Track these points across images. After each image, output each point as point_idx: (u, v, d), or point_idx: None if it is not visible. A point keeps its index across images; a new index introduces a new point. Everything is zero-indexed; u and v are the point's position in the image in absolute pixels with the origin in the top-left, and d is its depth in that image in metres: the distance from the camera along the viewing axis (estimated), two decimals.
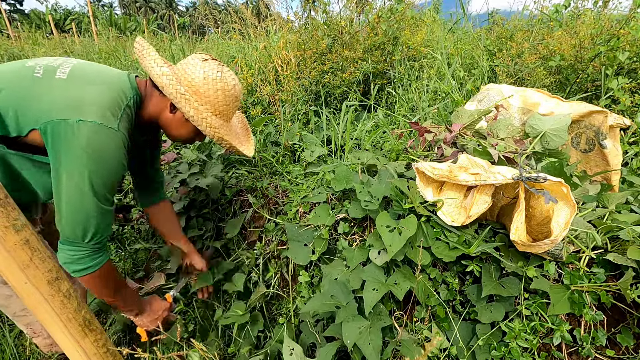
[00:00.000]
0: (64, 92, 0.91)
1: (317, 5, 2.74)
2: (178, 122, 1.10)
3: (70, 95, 0.91)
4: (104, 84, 0.98)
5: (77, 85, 0.94)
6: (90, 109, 0.90)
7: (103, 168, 0.91)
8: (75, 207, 0.90)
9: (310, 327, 1.32)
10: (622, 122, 1.30)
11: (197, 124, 1.05)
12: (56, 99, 0.89)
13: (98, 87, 0.95)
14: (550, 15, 2.39)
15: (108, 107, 0.93)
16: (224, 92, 1.07)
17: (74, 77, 0.95)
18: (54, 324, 0.78)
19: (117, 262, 1.98)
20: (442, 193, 1.22)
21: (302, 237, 1.42)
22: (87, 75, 0.98)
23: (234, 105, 1.14)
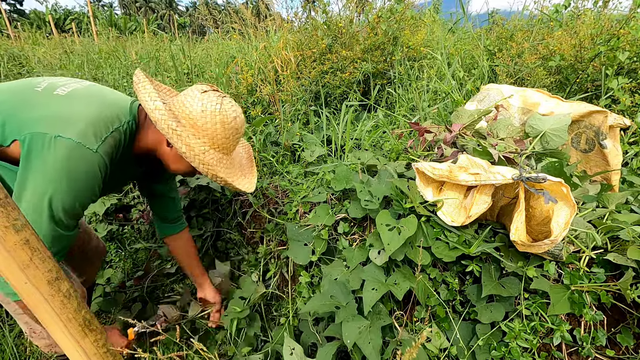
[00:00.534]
0: (57, 107, 0.89)
1: (317, 6, 2.74)
2: (175, 157, 1.07)
3: (60, 111, 0.89)
4: (102, 104, 0.95)
5: (72, 103, 0.92)
6: (73, 127, 0.86)
7: (69, 190, 0.85)
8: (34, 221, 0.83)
9: (310, 327, 1.32)
10: (622, 122, 1.30)
11: (190, 161, 1.00)
12: (46, 113, 0.87)
13: (91, 107, 0.93)
14: (550, 15, 2.39)
15: (93, 127, 0.90)
16: (222, 125, 1.02)
17: (73, 96, 0.93)
18: (54, 324, 0.78)
19: (117, 262, 1.98)
20: (442, 193, 1.22)
21: (302, 237, 1.42)
22: (89, 95, 0.96)
23: (235, 138, 1.08)
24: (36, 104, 0.89)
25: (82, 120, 0.89)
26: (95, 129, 0.90)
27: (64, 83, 0.96)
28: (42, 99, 0.91)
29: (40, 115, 0.87)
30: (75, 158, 0.85)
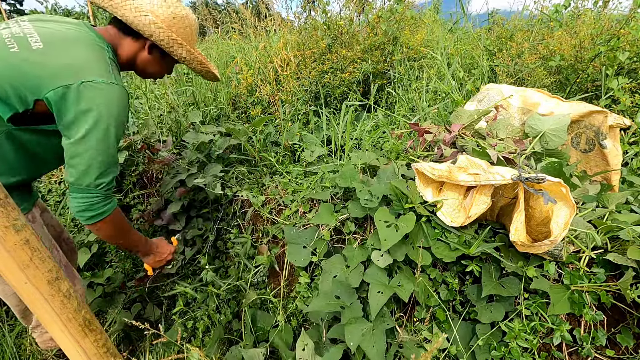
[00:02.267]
0: (52, 60, 0.93)
1: (317, 6, 2.74)
2: (155, 61, 1.18)
3: (60, 62, 0.93)
4: (80, 42, 0.99)
5: (59, 50, 0.95)
6: (86, 70, 0.94)
7: (116, 121, 0.98)
8: (93, 156, 0.96)
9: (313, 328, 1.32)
10: (622, 122, 1.30)
11: (189, 63, 1.19)
12: (48, 69, 0.92)
13: (79, 48, 0.98)
14: (550, 15, 2.38)
15: (98, 63, 0.98)
16: (190, 28, 1.18)
17: (50, 43, 0.96)
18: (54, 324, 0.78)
19: (117, 262, 1.98)
20: (442, 193, 1.22)
21: (301, 239, 1.42)
22: (58, 37, 0.98)
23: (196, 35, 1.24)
24: (31, 63, 0.92)
25: (87, 61, 0.96)
26: (101, 64, 0.98)
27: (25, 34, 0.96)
28: (31, 57, 0.92)
29: (46, 71, 0.92)
30: (107, 93, 0.95)
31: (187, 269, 1.86)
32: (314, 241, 1.41)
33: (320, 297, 1.20)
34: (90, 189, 1.00)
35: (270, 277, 1.61)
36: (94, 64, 0.97)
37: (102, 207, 1.03)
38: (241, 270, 1.63)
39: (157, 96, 2.69)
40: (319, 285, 1.26)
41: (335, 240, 1.45)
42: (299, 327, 1.40)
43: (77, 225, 2.12)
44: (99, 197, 1.02)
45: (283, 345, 1.32)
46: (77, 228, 2.10)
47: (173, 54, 1.14)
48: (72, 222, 2.13)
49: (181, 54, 1.15)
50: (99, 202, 1.02)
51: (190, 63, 1.20)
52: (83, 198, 1.00)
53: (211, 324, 1.54)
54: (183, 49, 1.14)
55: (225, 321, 1.52)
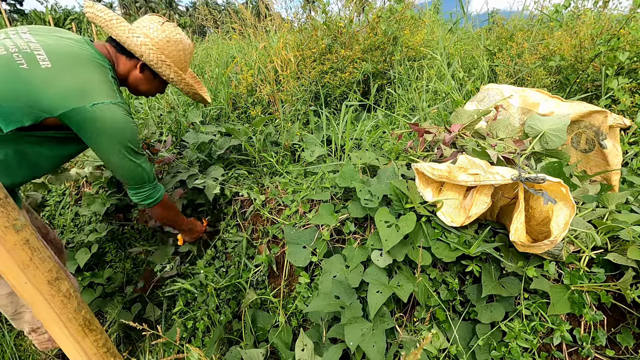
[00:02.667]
0: (62, 81, 0.99)
1: (317, 6, 2.74)
2: (147, 80, 1.26)
3: (69, 83, 1.00)
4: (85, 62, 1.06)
5: (67, 70, 1.01)
6: (95, 92, 1.03)
7: (131, 134, 1.11)
8: (128, 168, 1.16)
9: (313, 328, 1.32)
10: (622, 122, 1.30)
11: (176, 84, 1.27)
12: (59, 90, 0.98)
13: (85, 69, 1.05)
14: (550, 16, 2.38)
15: (105, 85, 1.06)
16: (184, 52, 1.27)
17: (57, 63, 1.01)
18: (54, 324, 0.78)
19: (117, 262, 1.98)
20: (442, 193, 1.22)
21: (301, 239, 1.42)
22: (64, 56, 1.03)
23: (190, 59, 1.33)
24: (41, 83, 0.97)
25: (95, 83, 1.04)
26: (106, 85, 1.07)
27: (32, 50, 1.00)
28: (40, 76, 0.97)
29: (59, 94, 0.98)
30: (117, 113, 1.06)
31: (187, 268, 1.86)
32: (314, 241, 1.41)
33: (320, 297, 1.20)
34: (141, 186, 1.26)
35: (270, 277, 1.61)
36: (101, 85, 1.05)
37: (156, 194, 1.31)
38: (241, 270, 1.63)
39: (157, 96, 2.69)
40: (319, 285, 1.26)
41: (335, 240, 1.45)
42: (299, 327, 1.40)
43: (77, 225, 2.12)
44: (149, 189, 1.28)
45: (283, 345, 1.32)
46: (77, 228, 2.10)
47: (162, 74, 1.22)
48: (72, 222, 2.13)
49: (169, 75, 1.23)
50: (152, 191, 1.29)
51: (178, 84, 1.28)
52: (140, 193, 1.27)
53: (211, 324, 1.54)
54: (171, 69, 1.22)
55: (225, 321, 1.52)
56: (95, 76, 1.06)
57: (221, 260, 1.74)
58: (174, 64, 1.24)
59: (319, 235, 1.41)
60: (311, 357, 1.18)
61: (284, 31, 2.88)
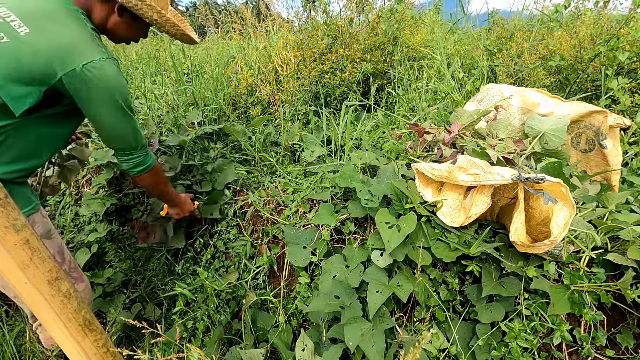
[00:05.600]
0: (44, 45, 0.94)
1: (317, 5, 2.74)
2: (126, 24, 1.15)
3: (52, 45, 0.94)
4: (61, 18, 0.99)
5: (46, 32, 0.96)
6: (80, 50, 0.97)
7: (123, 91, 1.06)
8: (121, 129, 1.11)
9: (313, 328, 1.32)
10: (622, 122, 1.30)
11: (160, 25, 1.15)
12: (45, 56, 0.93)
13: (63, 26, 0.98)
14: (550, 16, 2.38)
15: (88, 39, 1.00)
16: None
17: (34, 26, 0.95)
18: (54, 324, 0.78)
19: (117, 262, 1.98)
20: (442, 194, 1.22)
21: (301, 239, 1.42)
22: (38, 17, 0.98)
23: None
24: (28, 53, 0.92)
25: (79, 41, 0.98)
26: (90, 40, 1.00)
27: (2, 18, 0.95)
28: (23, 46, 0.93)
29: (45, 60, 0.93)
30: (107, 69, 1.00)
31: (187, 269, 1.86)
32: (314, 241, 1.41)
33: (320, 297, 1.20)
34: (132, 152, 1.19)
35: (270, 277, 1.61)
36: (84, 42, 0.99)
37: (147, 161, 1.24)
38: (241, 270, 1.63)
39: (157, 96, 2.69)
40: (319, 285, 1.26)
41: (335, 240, 1.45)
42: (299, 327, 1.40)
43: (77, 225, 2.12)
44: (140, 155, 1.22)
45: (283, 345, 1.32)
46: (77, 228, 2.10)
47: (143, 16, 1.11)
48: (72, 222, 2.13)
49: (152, 16, 1.12)
50: (144, 157, 1.23)
51: (163, 25, 1.16)
52: (132, 159, 1.20)
53: (211, 324, 1.54)
54: (153, 10, 1.10)
55: (225, 321, 1.52)
56: (76, 32, 0.99)
57: (221, 261, 1.74)
58: (155, 2, 1.12)
59: (319, 235, 1.41)
60: (311, 357, 1.18)
61: (284, 31, 2.88)
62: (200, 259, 1.82)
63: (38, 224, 1.12)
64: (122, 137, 1.14)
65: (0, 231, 0.63)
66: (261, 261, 1.56)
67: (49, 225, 1.19)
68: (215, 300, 1.56)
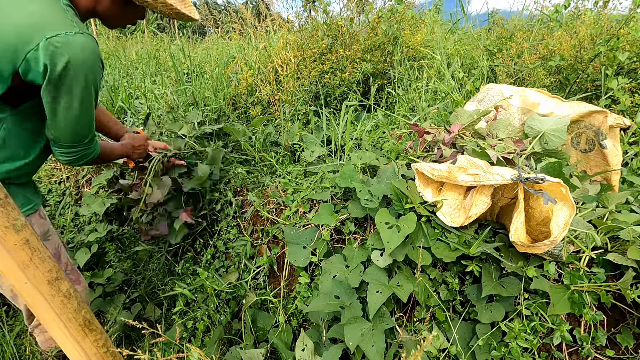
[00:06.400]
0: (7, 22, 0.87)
1: (317, 6, 2.74)
2: (117, 6, 1.06)
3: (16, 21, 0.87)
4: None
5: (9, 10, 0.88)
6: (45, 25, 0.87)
7: (91, 72, 0.93)
8: (78, 116, 0.96)
9: (313, 328, 1.32)
10: (622, 122, 1.30)
11: (152, 7, 1.05)
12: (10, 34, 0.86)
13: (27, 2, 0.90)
14: (550, 16, 2.38)
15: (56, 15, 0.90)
16: None
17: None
18: (54, 324, 0.78)
19: (117, 262, 1.98)
20: (442, 194, 1.22)
21: (301, 239, 1.42)
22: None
23: None
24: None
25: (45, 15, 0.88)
26: (58, 14, 0.90)
27: None
28: None
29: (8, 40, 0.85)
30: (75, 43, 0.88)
31: (187, 269, 1.86)
32: (314, 241, 1.41)
33: (320, 297, 1.20)
34: (75, 144, 1.03)
35: (270, 277, 1.61)
36: (50, 16, 0.89)
37: (90, 153, 1.09)
38: (241, 270, 1.63)
39: (157, 96, 2.69)
40: (319, 285, 1.26)
41: (335, 240, 1.45)
42: (299, 327, 1.40)
43: (77, 225, 2.12)
44: (84, 148, 1.06)
45: (283, 345, 1.32)
46: (77, 228, 2.10)
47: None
48: (72, 222, 2.13)
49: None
50: (85, 151, 1.07)
51: (154, 6, 1.06)
52: (71, 152, 1.04)
53: (211, 324, 1.54)
54: None
55: (225, 321, 1.52)
56: (41, 7, 0.89)
57: (221, 261, 1.74)
58: None
59: (319, 235, 1.41)
60: (311, 357, 1.18)
61: (284, 31, 2.88)
62: (200, 259, 1.82)
63: (35, 225, 1.11)
64: (76, 126, 0.99)
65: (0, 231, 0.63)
66: (261, 261, 1.56)
67: (47, 226, 1.18)
68: (215, 300, 1.56)
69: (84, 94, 0.94)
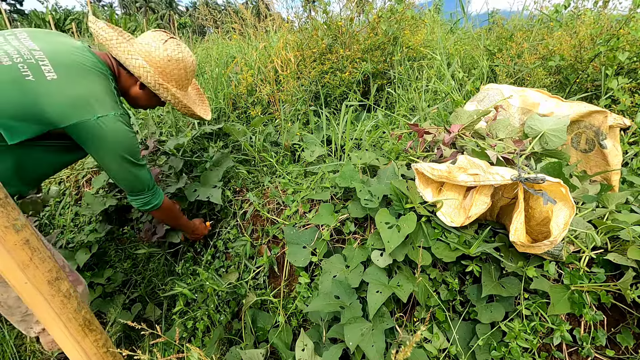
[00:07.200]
0: (68, 93, 1.00)
1: (317, 6, 2.74)
2: (146, 96, 1.28)
3: (75, 95, 1.01)
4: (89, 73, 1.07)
5: (73, 82, 1.02)
6: (100, 104, 1.04)
7: (131, 145, 1.14)
8: (128, 178, 1.21)
9: (313, 328, 1.32)
10: (622, 122, 1.30)
11: (174, 105, 1.28)
12: (66, 103, 1.00)
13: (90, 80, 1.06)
14: (550, 16, 2.38)
15: (109, 97, 1.08)
16: (185, 70, 1.27)
17: (63, 74, 1.01)
18: (54, 324, 0.78)
19: (117, 262, 1.98)
20: (442, 194, 1.22)
21: (301, 239, 1.42)
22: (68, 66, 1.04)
23: (192, 77, 1.34)
24: (45, 95, 0.97)
25: (99, 95, 1.06)
26: (110, 97, 1.09)
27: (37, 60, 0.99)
28: (45, 88, 0.97)
29: (65, 107, 0.99)
30: (120, 125, 1.09)
31: (187, 269, 1.85)
32: (314, 241, 1.41)
33: (320, 297, 1.20)
34: (140, 194, 1.29)
35: (270, 277, 1.61)
36: (104, 97, 1.07)
37: (155, 200, 1.33)
38: (241, 270, 1.63)
39: None
40: (319, 285, 1.26)
41: (335, 240, 1.45)
42: (299, 327, 1.40)
43: (77, 225, 2.12)
44: (147, 196, 1.31)
45: (283, 345, 1.32)
46: (77, 228, 2.10)
47: (159, 95, 1.24)
48: (72, 222, 2.13)
49: (166, 97, 1.25)
50: (150, 197, 1.32)
51: (175, 105, 1.29)
52: (139, 199, 1.30)
53: (211, 324, 1.54)
54: (168, 92, 1.23)
55: (225, 321, 1.52)
56: (99, 87, 1.07)
57: (221, 261, 1.74)
58: (175, 82, 1.26)
59: (319, 235, 1.41)
60: (311, 357, 1.18)
61: (284, 31, 2.88)
62: (200, 259, 1.82)
63: None
64: (127, 183, 1.23)
65: (0, 231, 0.63)
66: (261, 261, 1.56)
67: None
68: (215, 300, 1.56)
69: (123, 161, 1.14)
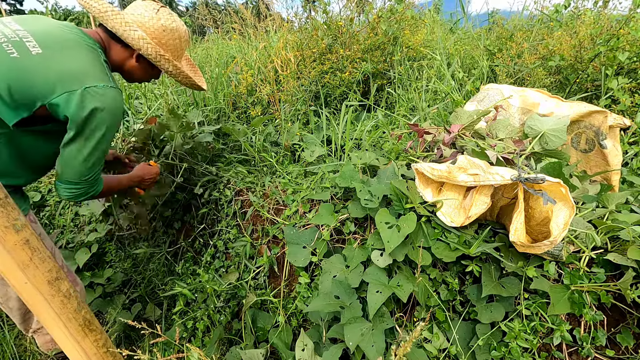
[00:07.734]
0: (54, 65, 0.96)
1: (317, 5, 2.74)
2: (143, 69, 1.23)
3: (61, 67, 0.97)
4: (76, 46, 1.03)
5: (59, 55, 0.98)
6: (88, 75, 0.99)
7: (114, 122, 1.05)
8: (88, 159, 1.04)
9: (313, 328, 1.32)
10: (622, 122, 1.30)
11: (174, 75, 1.24)
12: (51, 75, 0.95)
13: (77, 52, 1.02)
14: (550, 16, 2.38)
15: (98, 69, 1.03)
16: (180, 40, 1.22)
17: (49, 48, 0.98)
18: (54, 324, 0.78)
19: (117, 262, 1.98)
20: (442, 194, 1.22)
21: (301, 239, 1.42)
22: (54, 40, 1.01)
23: (186, 47, 1.29)
24: (32, 70, 0.94)
25: (87, 66, 1.01)
26: (98, 68, 1.03)
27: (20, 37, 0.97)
28: (30, 63, 0.95)
29: (51, 78, 0.95)
30: (108, 98, 1.01)
31: (187, 269, 1.86)
32: (314, 241, 1.41)
33: (320, 297, 1.20)
34: (80, 182, 1.08)
35: (270, 277, 1.61)
36: (93, 68, 1.01)
37: (93, 190, 1.14)
38: (241, 270, 1.63)
39: (157, 96, 2.69)
40: (319, 285, 1.26)
41: (335, 240, 1.45)
42: (299, 327, 1.40)
43: (77, 225, 2.12)
44: (85, 186, 1.11)
45: (283, 345, 1.32)
46: (77, 228, 2.10)
47: (160, 67, 1.20)
48: (72, 222, 2.13)
49: (167, 68, 1.21)
50: (87, 189, 1.12)
51: (176, 77, 1.26)
52: (73, 189, 1.09)
53: (211, 324, 1.54)
54: (170, 63, 1.20)
55: (225, 321, 1.52)
56: (87, 59, 1.02)
57: (221, 261, 1.74)
58: (171, 53, 1.22)
59: (319, 235, 1.41)
60: (311, 357, 1.18)
61: (284, 31, 2.88)
62: (200, 259, 1.82)
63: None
64: (82, 164, 1.05)
65: (0, 231, 0.63)
66: (261, 261, 1.56)
67: (39, 229, 1.21)
68: (215, 300, 1.56)
69: (100, 139, 1.03)
